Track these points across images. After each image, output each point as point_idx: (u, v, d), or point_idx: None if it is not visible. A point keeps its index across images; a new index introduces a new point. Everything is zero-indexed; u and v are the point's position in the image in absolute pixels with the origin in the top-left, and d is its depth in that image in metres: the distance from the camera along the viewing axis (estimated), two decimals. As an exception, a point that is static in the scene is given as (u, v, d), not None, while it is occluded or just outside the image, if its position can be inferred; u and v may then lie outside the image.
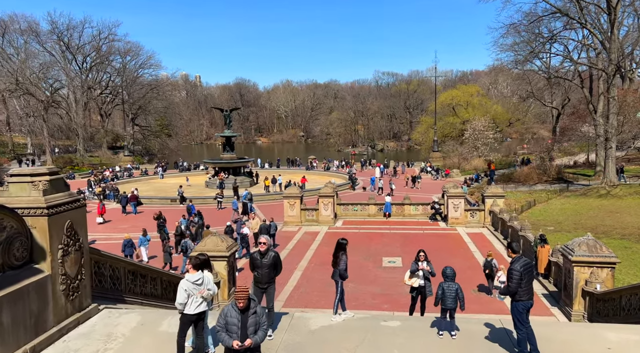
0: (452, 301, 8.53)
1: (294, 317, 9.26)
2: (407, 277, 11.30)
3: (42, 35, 77.49)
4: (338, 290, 9.56)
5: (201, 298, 7.53)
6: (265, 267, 8.49)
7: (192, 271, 7.57)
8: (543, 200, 38.97)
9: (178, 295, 7.48)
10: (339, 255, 9.57)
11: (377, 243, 26.31)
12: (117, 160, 77.03)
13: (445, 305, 8.53)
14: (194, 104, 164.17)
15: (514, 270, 7.62)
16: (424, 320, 9.24)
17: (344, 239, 9.76)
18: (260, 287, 8.62)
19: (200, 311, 7.55)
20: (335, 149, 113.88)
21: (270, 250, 8.65)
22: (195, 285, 7.48)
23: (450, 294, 8.56)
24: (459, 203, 29.59)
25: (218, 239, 17.21)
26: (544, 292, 18.37)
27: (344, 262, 9.48)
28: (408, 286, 11.86)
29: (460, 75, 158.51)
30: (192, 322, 7.52)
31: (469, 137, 64.26)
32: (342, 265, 9.46)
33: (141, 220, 33.10)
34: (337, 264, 9.56)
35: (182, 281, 7.55)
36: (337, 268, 9.53)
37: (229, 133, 52.10)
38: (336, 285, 9.62)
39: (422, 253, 11.22)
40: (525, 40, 54.65)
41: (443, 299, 8.59)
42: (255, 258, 8.58)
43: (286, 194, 31.41)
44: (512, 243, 8.25)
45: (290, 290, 18.97)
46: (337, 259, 9.57)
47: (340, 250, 9.56)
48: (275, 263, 8.59)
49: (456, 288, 8.66)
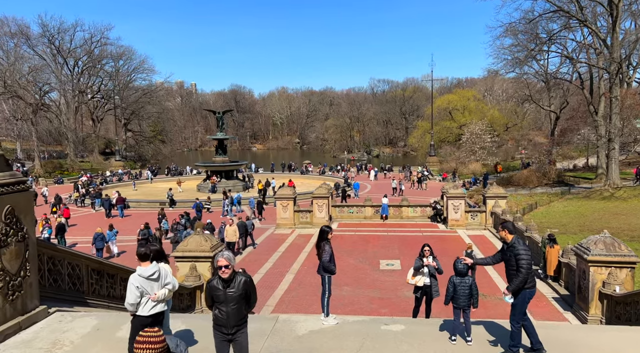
0: (465, 298, 7.20)
1: (279, 320, 7.88)
2: (410, 275, 9.94)
3: (32, 39, 76.12)
4: (326, 287, 8.17)
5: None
6: (232, 302, 5.50)
7: (144, 264, 6.14)
8: (544, 202, 37.83)
9: (128, 293, 6.09)
10: (321, 244, 8.22)
11: (374, 245, 24.97)
12: (108, 165, 75.48)
13: (457, 303, 7.21)
14: (188, 111, 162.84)
15: (523, 251, 6.40)
16: (432, 323, 7.86)
17: (327, 226, 8.46)
18: (224, 334, 5.63)
19: (157, 312, 6.19)
20: (330, 155, 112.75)
21: (238, 274, 5.64)
22: (150, 280, 6.10)
23: (464, 291, 7.24)
24: (459, 204, 28.32)
25: (202, 238, 15.80)
26: (555, 295, 17.04)
27: (327, 252, 8.09)
28: (411, 286, 10.48)
29: (456, 82, 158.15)
30: (148, 325, 6.14)
31: (466, 141, 63.22)
32: (325, 257, 8.07)
33: (126, 223, 31.65)
34: (320, 255, 8.22)
35: (132, 276, 6.15)
36: (321, 260, 8.20)
37: (221, 135, 50.76)
38: (322, 280, 8.24)
39: (427, 247, 9.89)
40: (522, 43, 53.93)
41: (455, 297, 7.27)
42: (216, 289, 5.57)
43: (279, 195, 30.06)
44: (508, 223, 6.89)
45: (281, 295, 17.57)
46: (319, 250, 8.24)
47: (323, 239, 8.21)
48: (247, 294, 5.63)
49: (470, 284, 7.35)
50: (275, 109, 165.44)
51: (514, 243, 6.53)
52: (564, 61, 54.58)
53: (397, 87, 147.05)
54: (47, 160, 72.40)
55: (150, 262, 6.22)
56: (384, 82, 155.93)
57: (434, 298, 9.84)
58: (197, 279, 15.43)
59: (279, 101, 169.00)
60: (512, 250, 6.53)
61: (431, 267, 9.63)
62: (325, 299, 8.04)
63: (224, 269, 5.51)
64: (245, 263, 21.73)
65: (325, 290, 8.08)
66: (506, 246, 6.71)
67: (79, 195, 37.32)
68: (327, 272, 8.04)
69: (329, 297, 8.09)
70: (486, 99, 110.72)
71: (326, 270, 8.04)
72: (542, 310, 15.68)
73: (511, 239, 6.60)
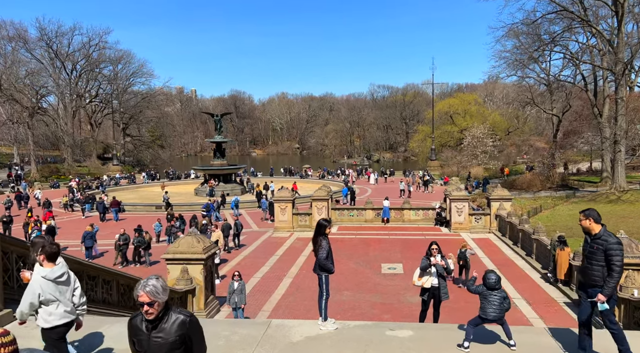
0: (495, 310, 6.41)
1: (271, 325, 7.03)
2: (417, 276, 9.09)
3: (30, 42, 75.62)
4: (323, 288, 7.26)
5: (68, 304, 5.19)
6: (157, 350, 3.73)
7: (48, 264, 5.11)
8: (549, 206, 36.95)
9: (24, 299, 5.09)
10: (317, 239, 7.29)
11: (376, 249, 24.09)
12: (105, 169, 74.67)
13: (485, 314, 6.40)
14: (188, 116, 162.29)
15: (616, 246, 5.38)
16: (444, 328, 7.01)
17: (325, 220, 7.55)
18: None
19: (65, 322, 5.21)
20: (330, 160, 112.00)
21: (173, 312, 3.78)
22: (57, 284, 5.12)
23: (494, 302, 6.46)
24: (463, 207, 27.48)
25: (194, 239, 14.99)
26: (566, 300, 16.17)
27: (324, 249, 7.16)
28: (417, 289, 9.63)
29: (456, 87, 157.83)
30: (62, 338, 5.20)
31: (467, 145, 62.45)
32: (321, 253, 7.15)
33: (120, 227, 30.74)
34: (316, 251, 7.31)
35: (34, 277, 5.10)
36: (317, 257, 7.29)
37: (219, 138, 49.98)
38: (319, 280, 7.34)
39: (435, 245, 9.05)
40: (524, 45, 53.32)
41: (484, 306, 6.47)
42: (138, 331, 3.83)
43: (277, 198, 29.21)
44: (592, 211, 5.79)
45: (278, 300, 16.69)
46: (316, 245, 7.32)
47: (320, 234, 7.28)
48: (184, 341, 3.78)
49: (504, 296, 6.59)
50: (275, 115, 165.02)
51: (603, 235, 5.53)
52: (566, 64, 53.95)
53: (397, 93, 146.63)
54: (44, 164, 71.58)
55: (54, 261, 5.17)
56: (384, 88, 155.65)
57: (442, 300, 8.98)
58: (189, 283, 14.59)
59: (279, 106, 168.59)
60: (599, 243, 5.52)
61: (439, 266, 8.79)
62: (323, 301, 7.19)
63: (147, 308, 3.66)
64: (241, 267, 20.85)
65: (322, 291, 7.23)
66: (590, 238, 5.70)
67: (67, 199, 36.26)
68: (324, 270, 7.18)
69: (326, 299, 7.23)
70: (487, 105, 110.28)
71: (323, 269, 7.17)
72: (553, 315, 14.82)
73: (599, 230, 5.60)
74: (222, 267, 20.57)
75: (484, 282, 6.69)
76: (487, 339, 6.45)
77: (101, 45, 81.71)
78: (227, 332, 6.69)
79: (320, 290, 7.24)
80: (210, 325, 7.19)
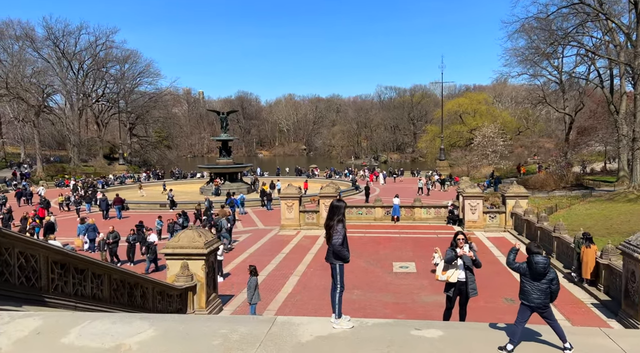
0: (541, 295, 5.41)
1: (276, 323, 6.07)
2: (441, 270, 8.11)
3: (37, 42, 75.43)
4: (337, 279, 6.21)
5: None
6: None
7: None
8: (565, 205, 35.67)
9: None
10: (333, 223, 6.21)
11: (386, 247, 23.08)
12: (111, 169, 74.26)
13: (527, 299, 5.40)
14: (195, 118, 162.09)
15: None
16: (478, 328, 6.01)
17: (340, 200, 6.50)
18: None
19: None
20: (337, 161, 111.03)
21: None
22: None
23: (539, 285, 5.44)
24: (477, 204, 26.38)
25: (195, 233, 14.08)
26: (593, 301, 15.06)
27: (339, 233, 6.11)
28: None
29: (464, 89, 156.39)
30: None
31: (478, 144, 61.28)
32: (336, 238, 6.10)
33: (123, 225, 29.96)
34: (331, 237, 6.22)
35: None
36: (331, 243, 6.20)
37: (225, 136, 49.18)
38: (332, 270, 6.29)
39: (462, 236, 8.07)
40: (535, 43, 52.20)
41: (526, 290, 5.47)
42: None
43: (283, 195, 28.28)
44: None
45: (284, 298, 15.74)
46: (331, 230, 6.22)
47: (335, 217, 6.22)
48: None
49: (551, 278, 5.55)
50: (281, 116, 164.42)
51: None
52: (580, 61, 52.58)
53: (405, 94, 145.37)
54: (50, 164, 71.27)
55: None
56: (391, 89, 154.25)
57: (470, 297, 7.97)
58: (189, 279, 13.68)
59: (286, 108, 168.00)
60: None
61: (467, 258, 7.79)
62: (337, 295, 6.19)
63: None
64: (245, 265, 19.92)
65: (336, 283, 6.23)
66: None
67: (63, 198, 35.53)
68: (339, 259, 6.16)
69: (341, 292, 6.22)
70: (495, 106, 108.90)
71: (338, 257, 6.15)
72: (582, 317, 13.73)
73: None
74: (226, 264, 19.64)
75: (530, 265, 5.63)
76: (532, 339, 5.45)
77: (108, 44, 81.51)
78: (225, 330, 5.76)
79: (334, 282, 6.26)
80: (207, 322, 6.25)
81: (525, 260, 5.79)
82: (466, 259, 7.79)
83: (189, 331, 5.72)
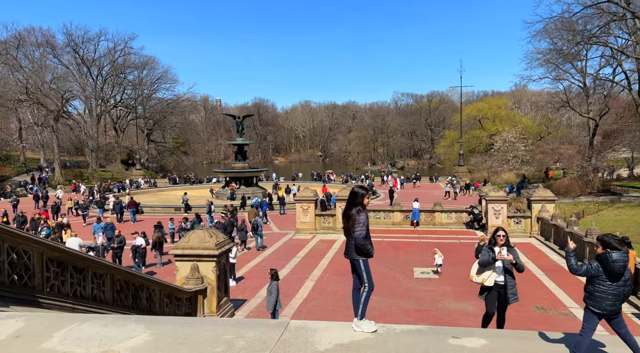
0: (615, 300, 4.51)
1: (289, 328, 5.27)
2: (475, 272, 7.19)
3: (58, 49, 76.54)
4: (364, 277, 5.30)
5: None
6: None
7: None
8: (592, 211, 34.18)
9: None
10: (352, 212, 5.34)
11: (406, 252, 22.11)
12: (128, 174, 74.64)
13: (600, 307, 4.51)
14: (212, 124, 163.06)
15: None
16: (528, 338, 5.08)
17: (361, 187, 5.63)
18: None
19: None
20: (353, 167, 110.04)
21: None
22: None
23: (617, 288, 4.53)
24: (501, 208, 25.23)
25: (206, 233, 13.38)
26: (634, 311, 13.92)
27: (362, 224, 5.24)
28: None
29: (482, 95, 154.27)
30: None
31: (498, 149, 59.79)
32: (359, 231, 5.21)
33: (137, 228, 29.52)
34: (351, 229, 5.30)
35: None
36: (352, 236, 5.29)
37: (241, 141, 48.79)
38: (353, 266, 5.40)
39: (503, 232, 7.13)
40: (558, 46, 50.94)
41: (597, 295, 4.56)
42: None
43: (299, 198, 27.54)
44: None
45: (299, 304, 14.92)
46: (351, 221, 5.32)
47: (355, 205, 5.37)
48: None
49: (627, 278, 4.63)
50: (298, 122, 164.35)
51: None
52: (605, 63, 51.00)
53: (422, 100, 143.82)
54: (68, 169, 71.92)
55: None
56: (407, 96, 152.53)
57: (510, 303, 7.03)
58: (199, 282, 12.95)
59: (302, 114, 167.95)
60: None
61: (507, 261, 6.87)
62: (364, 294, 5.29)
63: None
64: (259, 269, 19.22)
65: (363, 280, 5.31)
66: None
67: (73, 203, 35.37)
68: (362, 254, 5.30)
69: (369, 292, 5.34)
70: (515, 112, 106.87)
71: (361, 252, 5.29)
72: (623, 328, 12.60)
73: None
74: (239, 268, 18.92)
75: (605, 264, 4.65)
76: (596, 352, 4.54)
77: (126, 50, 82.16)
78: (230, 335, 4.98)
79: (358, 281, 5.42)
80: (211, 326, 5.48)
81: (594, 258, 4.82)
82: (506, 263, 6.86)
83: (189, 336, 4.95)
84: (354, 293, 5.47)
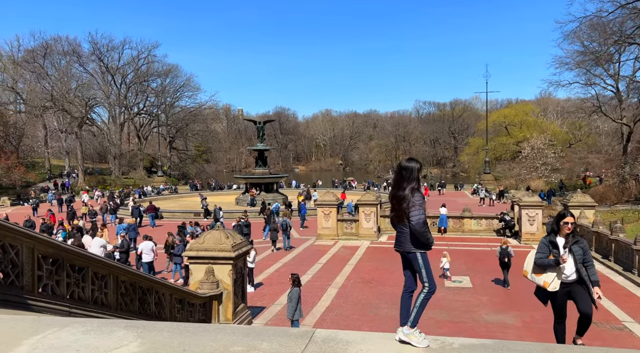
0: None
1: (314, 339, 4.18)
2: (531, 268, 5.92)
3: (83, 57, 77.83)
4: (423, 274, 4.17)
5: None
6: None
7: None
8: (632, 219, 32.25)
9: None
10: (405, 193, 4.13)
11: (435, 260, 20.67)
12: (150, 181, 75.06)
13: None
14: (234, 133, 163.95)
15: None
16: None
17: (412, 159, 4.37)
18: None
19: None
20: (375, 175, 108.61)
21: None
22: None
23: None
24: (536, 214, 23.69)
25: (222, 234, 12.43)
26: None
27: (419, 207, 4.06)
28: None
29: (506, 103, 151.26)
30: None
31: (526, 156, 57.79)
32: (417, 216, 4.03)
33: (156, 233, 28.92)
34: (405, 213, 4.11)
35: None
36: (409, 221, 4.09)
37: (261, 146, 48.16)
38: (413, 262, 4.20)
39: (571, 218, 5.83)
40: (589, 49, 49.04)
41: None
42: None
43: (320, 202, 26.52)
44: None
45: (322, 312, 13.82)
46: (404, 202, 4.11)
47: (405, 183, 4.17)
48: None
49: None
50: (318, 131, 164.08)
51: None
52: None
53: (444, 108, 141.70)
54: (91, 175, 72.68)
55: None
56: (429, 104, 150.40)
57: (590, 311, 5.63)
58: (214, 286, 11.97)
59: (323, 123, 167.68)
60: None
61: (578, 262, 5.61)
62: (421, 296, 4.20)
63: None
64: (279, 275, 18.21)
65: (423, 278, 4.18)
66: None
67: (87, 210, 35.08)
68: (421, 245, 4.12)
69: (429, 294, 4.22)
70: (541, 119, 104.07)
71: (419, 242, 4.11)
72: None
73: None
74: (257, 273, 17.93)
75: None
76: None
77: (150, 59, 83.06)
78: (239, 347, 3.94)
79: (413, 278, 4.33)
80: (217, 334, 4.43)
81: None
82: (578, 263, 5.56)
83: (188, 347, 3.93)
84: (404, 296, 4.39)
